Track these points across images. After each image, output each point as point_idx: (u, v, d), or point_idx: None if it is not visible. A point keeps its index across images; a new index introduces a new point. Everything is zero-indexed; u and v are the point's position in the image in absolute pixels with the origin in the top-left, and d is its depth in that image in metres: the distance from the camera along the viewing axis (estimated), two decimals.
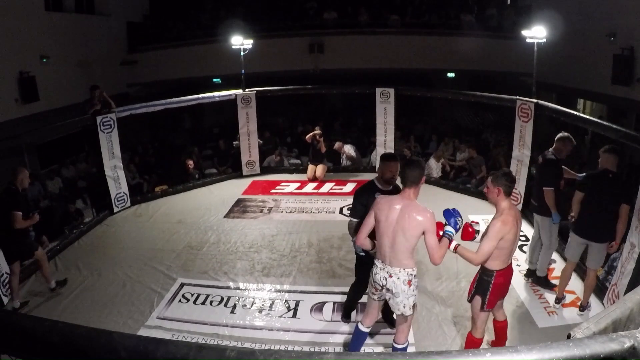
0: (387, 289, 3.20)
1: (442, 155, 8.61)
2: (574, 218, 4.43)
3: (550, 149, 4.71)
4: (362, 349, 3.71)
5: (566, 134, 4.70)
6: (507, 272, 3.36)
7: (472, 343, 3.50)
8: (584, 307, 4.34)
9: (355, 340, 3.65)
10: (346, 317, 4.34)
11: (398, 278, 3.16)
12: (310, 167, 8.57)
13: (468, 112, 9.96)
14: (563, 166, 4.68)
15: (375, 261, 3.28)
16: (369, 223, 3.24)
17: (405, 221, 3.07)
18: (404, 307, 3.21)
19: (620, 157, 4.22)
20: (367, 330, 3.60)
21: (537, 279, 4.82)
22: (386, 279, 3.18)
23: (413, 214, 3.07)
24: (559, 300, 4.49)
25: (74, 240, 6.26)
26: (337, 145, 9.07)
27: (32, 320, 1.19)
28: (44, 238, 6.26)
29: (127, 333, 1.18)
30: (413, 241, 3.12)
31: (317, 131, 8.48)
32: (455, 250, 3.24)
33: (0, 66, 8.26)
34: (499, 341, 3.75)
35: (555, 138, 4.71)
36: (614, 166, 4.14)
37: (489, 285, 3.29)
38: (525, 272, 5.01)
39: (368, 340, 3.84)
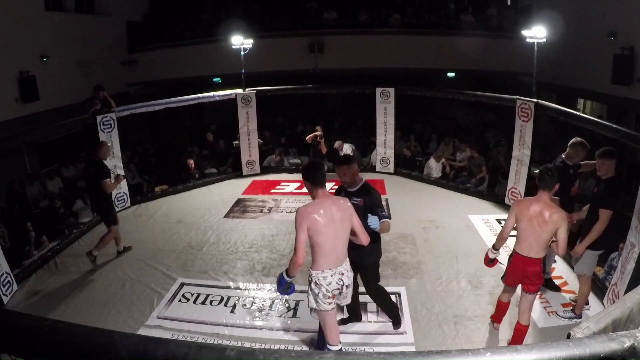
0: (347, 286, 3.27)
1: (442, 155, 8.61)
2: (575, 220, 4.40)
3: (562, 154, 4.59)
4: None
5: (579, 139, 4.52)
6: (521, 260, 3.52)
7: (497, 302, 3.98)
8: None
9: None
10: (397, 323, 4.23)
11: (347, 270, 3.27)
12: None
13: (468, 112, 9.96)
14: (585, 162, 4.55)
15: (320, 274, 3.16)
16: (304, 239, 3.05)
17: (341, 214, 3.14)
18: (350, 291, 3.36)
19: (618, 157, 4.17)
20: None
21: (544, 281, 4.80)
22: (342, 280, 3.21)
23: (342, 206, 3.18)
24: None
25: (74, 240, 6.26)
26: (337, 144, 9.08)
27: (32, 320, 1.19)
28: (44, 238, 6.27)
29: (127, 332, 1.18)
30: (351, 227, 3.23)
31: (318, 132, 8.48)
32: (495, 248, 3.80)
33: (0, 66, 8.27)
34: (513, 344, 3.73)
35: (569, 143, 4.56)
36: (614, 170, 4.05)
37: (509, 260, 3.67)
38: None
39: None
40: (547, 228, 3.35)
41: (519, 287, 3.76)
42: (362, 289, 4.13)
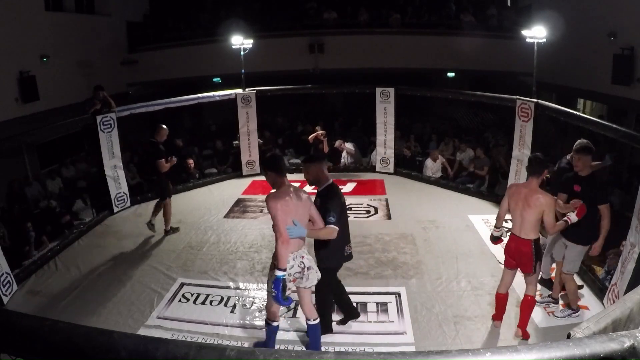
0: (308, 268, 3.43)
1: (437, 156, 8.60)
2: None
3: (567, 156, 4.58)
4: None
5: (585, 141, 4.41)
6: (514, 240, 3.75)
7: (496, 296, 4.09)
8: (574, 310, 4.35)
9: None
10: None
11: (307, 253, 3.46)
12: None
13: (468, 112, 9.96)
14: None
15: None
16: (283, 219, 3.26)
17: (302, 203, 3.40)
18: (316, 272, 3.50)
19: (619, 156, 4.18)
20: (278, 322, 3.69)
21: (543, 281, 4.80)
22: (302, 262, 3.39)
23: (302, 196, 3.43)
24: (555, 300, 4.50)
25: (74, 240, 6.26)
26: (337, 143, 9.09)
27: (32, 320, 1.18)
28: (44, 238, 6.27)
29: (127, 332, 1.18)
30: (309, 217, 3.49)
31: (321, 131, 8.46)
32: (495, 227, 4.06)
33: (0, 66, 8.26)
34: (520, 322, 3.95)
35: (575, 145, 4.45)
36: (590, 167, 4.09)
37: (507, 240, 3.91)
38: None
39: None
40: (531, 211, 3.60)
41: (515, 283, 3.91)
42: (351, 288, 4.18)
